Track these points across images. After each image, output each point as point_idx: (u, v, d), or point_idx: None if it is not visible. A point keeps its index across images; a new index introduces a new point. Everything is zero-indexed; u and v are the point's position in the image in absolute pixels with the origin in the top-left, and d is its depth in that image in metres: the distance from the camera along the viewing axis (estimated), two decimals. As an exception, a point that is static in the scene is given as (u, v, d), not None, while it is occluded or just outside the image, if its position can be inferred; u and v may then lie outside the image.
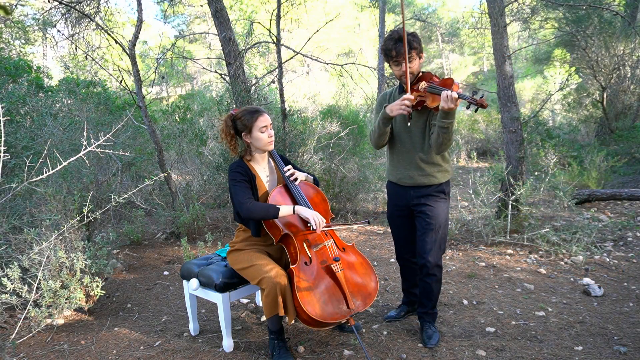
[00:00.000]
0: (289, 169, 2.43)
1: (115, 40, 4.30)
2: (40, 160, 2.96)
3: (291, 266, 2.17)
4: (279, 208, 2.18)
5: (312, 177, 2.56)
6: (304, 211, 2.18)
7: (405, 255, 2.68)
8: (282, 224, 2.25)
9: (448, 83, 2.21)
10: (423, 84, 2.30)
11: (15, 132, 4.30)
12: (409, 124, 2.36)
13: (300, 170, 2.59)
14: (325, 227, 2.22)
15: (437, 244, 2.40)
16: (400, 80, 2.40)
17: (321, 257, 2.28)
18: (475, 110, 2.10)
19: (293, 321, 2.17)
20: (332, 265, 2.24)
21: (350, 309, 2.20)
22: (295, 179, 2.42)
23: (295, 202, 2.36)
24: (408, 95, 2.23)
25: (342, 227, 2.37)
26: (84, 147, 2.45)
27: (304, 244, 2.27)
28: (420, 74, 2.38)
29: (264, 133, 2.33)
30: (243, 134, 2.36)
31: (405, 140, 2.44)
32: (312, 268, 2.22)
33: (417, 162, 2.41)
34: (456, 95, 2.06)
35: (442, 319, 2.75)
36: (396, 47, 2.27)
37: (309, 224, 2.20)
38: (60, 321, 2.84)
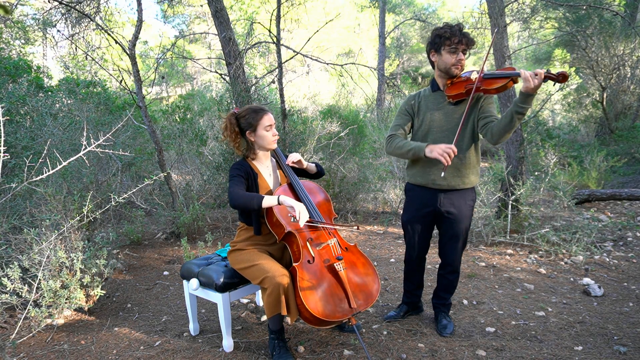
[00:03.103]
0: (291, 159, 2.44)
1: (115, 40, 4.30)
2: (40, 160, 2.96)
3: (294, 264, 2.17)
4: (262, 197, 2.14)
5: (313, 165, 2.55)
6: (289, 201, 2.12)
7: (416, 259, 2.64)
8: (285, 222, 2.25)
9: (509, 69, 2.17)
10: (474, 74, 2.22)
11: (15, 132, 4.30)
12: (442, 174, 2.21)
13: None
14: (309, 222, 2.17)
15: (462, 246, 2.50)
16: (448, 71, 2.29)
17: (324, 256, 2.28)
18: (556, 85, 2.01)
19: (294, 321, 2.17)
20: (335, 264, 2.24)
21: (352, 308, 2.20)
22: (297, 161, 2.43)
23: (298, 200, 2.36)
24: (455, 148, 2.14)
25: (327, 227, 2.34)
26: (83, 147, 2.45)
27: (307, 242, 2.27)
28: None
29: (268, 132, 2.34)
30: (247, 132, 2.36)
31: (440, 140, 2.31)
32: (314, 266, 2.22)
33: (454, 162, 2.31)
34: (541, 71, 1.94)
35: (442, 319, 2.75)
36: (460, 34, 2.23)
37: (289, 214, 2.15)
38: (60, 321, 2.84)
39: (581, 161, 6.43)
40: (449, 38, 2.25)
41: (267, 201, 2.13)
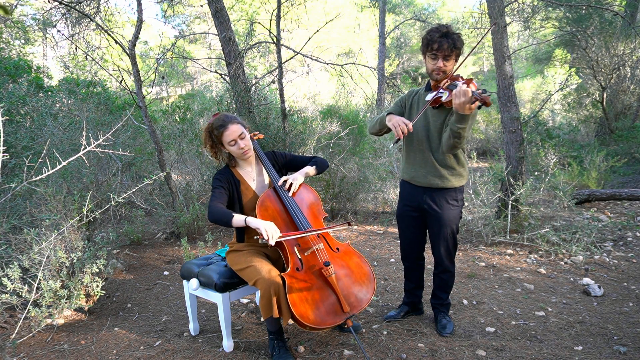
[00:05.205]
0: (283, 181, 2.37)
1: (115, 40, 4.30)
2: (40, 160, 2.96)
3: (283, 273, 2.14)
4: (233, 216, 2.12)
5: (303, 172, 2.46)
6: (254, 222, 2.08)
7: (411, 255, 2.66)
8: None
9: (467, 81, 2.16)
10: (445, 81, 2.23)
11: (15, 132, 4.29)
12: (392, 145, 2.39)
13: (301, 160, 2.54)
14: (281, 237, 2.08)
15: (449, 247, 2.50)
16: (431, 76, 2.34)
17: (312, 262, 2.24)
18: (479, 107, 2.03)
19: (290, 321, 2.16)
20: (322, 270, 2.20)
21: (345, 312, 2.17)
22: (290, 187, 2.36)
23: (284, 205, 2.33)
24: (410, 125, 2.20)
25: (302, 235, 2.20)
26: (83, 147, 2.45)
27: (295, 249, 2.23)
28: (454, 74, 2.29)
29: (233, 146, 2.29)
30: (219, 145, 2.34)
31: (422, 140, 2.41)
32: (303, 273, 2.19)
33: (432, 163, 2.39)
34: (469, 90, 1.97)
35: (442, 319, 2.75)
36: (439, 40, 2.21)
37: (255, 237, 2.10)
38: (60, 321, 2.84)
39: (581, 161, 6.42)
40: (428, 45, 2.26)
41: (236, 221, 2.11)
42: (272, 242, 2.02)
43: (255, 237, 2.10)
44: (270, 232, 2.03)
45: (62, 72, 12.21)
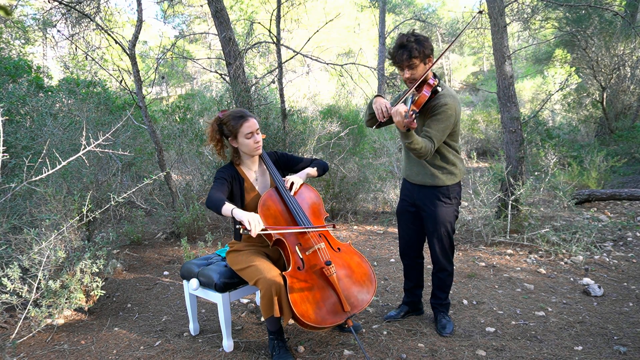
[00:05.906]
0: (285, 181, 2.39)
1: (115, 40, 4.30)
2: (40, 160, 2.96)
3: (285, 272, 2.15)
4: (224, 203, 2.09)
5: (305, 173, 2.47)
6: (239, 214, 2.04)
7: (410, 253, 2.68)
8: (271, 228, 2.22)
9: (417, 93, 2.20)
10: (414, 89, 2.27)
11: (15, 132, 4.29)
12: (373, 127, 2.47)
13: (301, 161, 2.54)
14: (264, 230, 2.06)
15: (445, 246, 2.51)
16: (405, 84, 2.37)
17: (313, 261, 2.25)
18: (407, 130, 2.06)
19: (290, 321, 2.16)
20: (324, 269, 2.21)
21: (345, 312, 2.18)
22: (291, 186, 2.37)
23: (285, 204, 2.35)
24: (389, 111, 2.21)
25: (288, 231, 2.25)
26: (83, 147, 2.45)
27: (296, 248, 2.24)
28: (430, 76, 2.27)
29: (249, 139, 2.30)
30: (229, 138, 2.34)
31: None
32: (304, 272, 2.19)
33: (422, 162, 2.44)
34: (401, 110, 2.01)
35: (442, 319, 2.75)
36: (397, 53, 2.25)
37: (237, 226, 2.08)
38: (60, 321, 2.84)
39: (581, 161, 6.42)
40: (390, 58, 2.31)
41: (225, 210, 2.09)
42: (253, 234, 2.00)
43: (237, 226, 2.08)
44: (253, 223, 2.01)
45: (62, 72, 12.20)
